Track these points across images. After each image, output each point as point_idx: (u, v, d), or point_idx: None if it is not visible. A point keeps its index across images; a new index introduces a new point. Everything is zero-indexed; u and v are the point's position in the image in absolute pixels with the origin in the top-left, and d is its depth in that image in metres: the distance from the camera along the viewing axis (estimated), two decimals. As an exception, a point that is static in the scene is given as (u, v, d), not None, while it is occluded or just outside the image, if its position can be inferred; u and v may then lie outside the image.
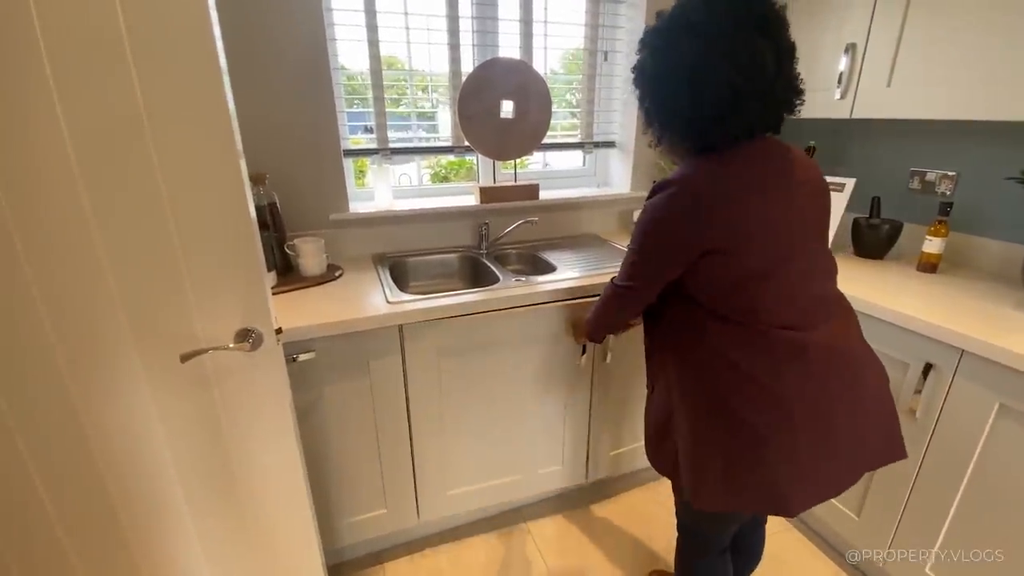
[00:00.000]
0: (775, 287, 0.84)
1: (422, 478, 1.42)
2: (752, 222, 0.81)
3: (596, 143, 2.07)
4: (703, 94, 0.79)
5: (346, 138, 1.64)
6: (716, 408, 0.87)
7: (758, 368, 0.84)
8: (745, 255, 0.82)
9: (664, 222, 0.85)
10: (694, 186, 0.82)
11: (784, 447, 0.83)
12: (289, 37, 1.41)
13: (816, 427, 0.84)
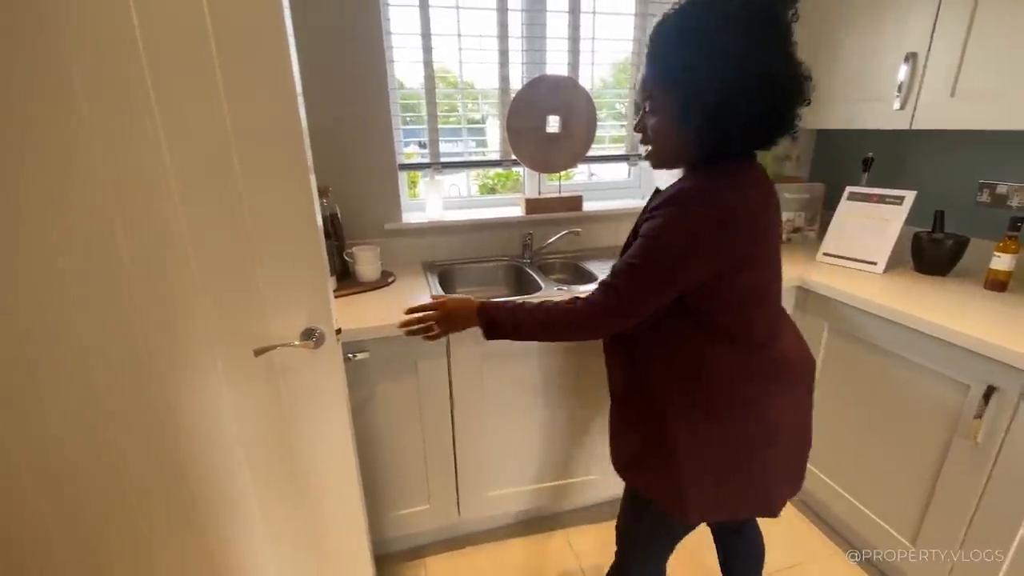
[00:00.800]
0: (766, 303, 0.88)
1: (463, 477, 1.48)
2: (762, 240, 0.83)
3: (639, 155, 2.09)
4: (761, 96, 0.75)
5: (400, 153, 1.75)
6: (712, 423, 0.88)
7: (751, 386, 0.87)
8: (754, 272, 0.83)
9: (693, 237, 0.78)
10: (723, 201, 0.78)
11: (772, 457, 0.90)
12: (352, 60, 1.53)
13: (796, 434, 0.94)
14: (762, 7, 0.75)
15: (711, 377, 0.86)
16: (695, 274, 0.80)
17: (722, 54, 0.73)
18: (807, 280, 1.54)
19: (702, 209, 0.78)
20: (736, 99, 0.74)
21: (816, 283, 1.51)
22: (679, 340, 0.87)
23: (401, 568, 1.54)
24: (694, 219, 0.78)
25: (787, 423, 0.91)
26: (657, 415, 0.91)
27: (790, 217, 1.94)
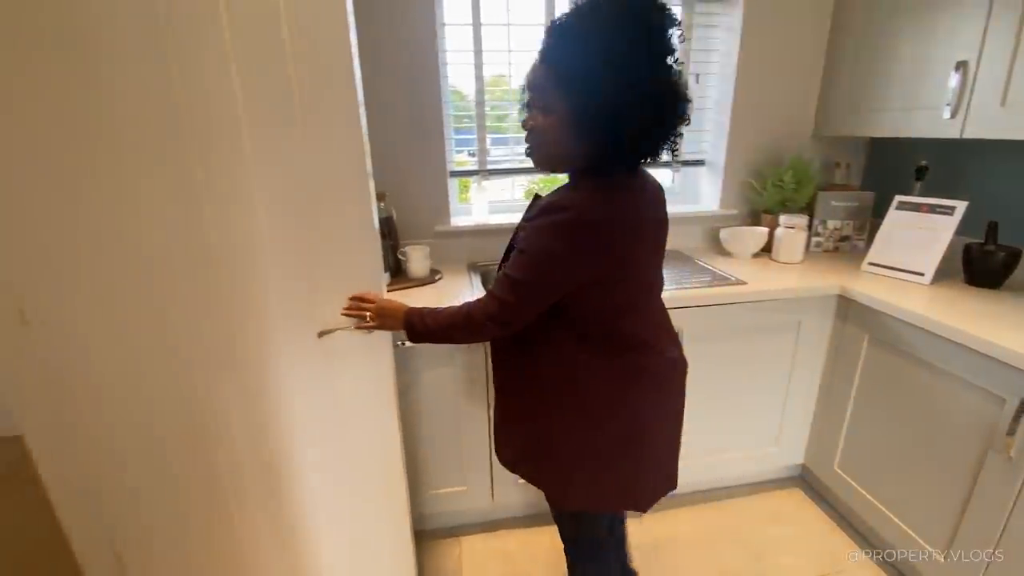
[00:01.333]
0: (642, 311, 0.93)
1: (498, 464, 1.58)
2: (638, 251, 0.86)
3: (683, 162, 2.12)
4: (654, 107, 0.76)
5: (452, 160, 1.88)
6: (586, 422, 0.94)
7: (624, 389, 0.92)
8: (629, 283, 0.87)
9: (568, 248, 0.79)
10: (599, 213, 0.79)
11: (643, 456, 0.97)
12: (409, 75, 1.68)
13: (666, 435, 1.01)
14: (656, 20, 0.75)
15: (585, 379, 0.91)
16: (571, 284, 0.82)
17: (620, 61, 0.73)
18: (849, 290, 1.54)
19: (577, 220, 0.78)
20: (631, 107, 0.74)
21: (859, 293, 1.51)
22: (556, 343, 0.90)
23: (438, 544, 1.66)
24: (568, 230, 0.78)
25: (659, 425, 0.98)
26: (538, 412, 0.97)
27: (837, 225, 1.91)
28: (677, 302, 1.49)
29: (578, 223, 0.78)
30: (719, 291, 1.53)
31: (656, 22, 0.75)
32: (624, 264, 0.83)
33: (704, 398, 1.64)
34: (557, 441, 0.96)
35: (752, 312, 1.57)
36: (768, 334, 1.61)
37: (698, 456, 1.70)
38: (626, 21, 0.73)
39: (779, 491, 1.84)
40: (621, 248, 0.81)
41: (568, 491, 0.99)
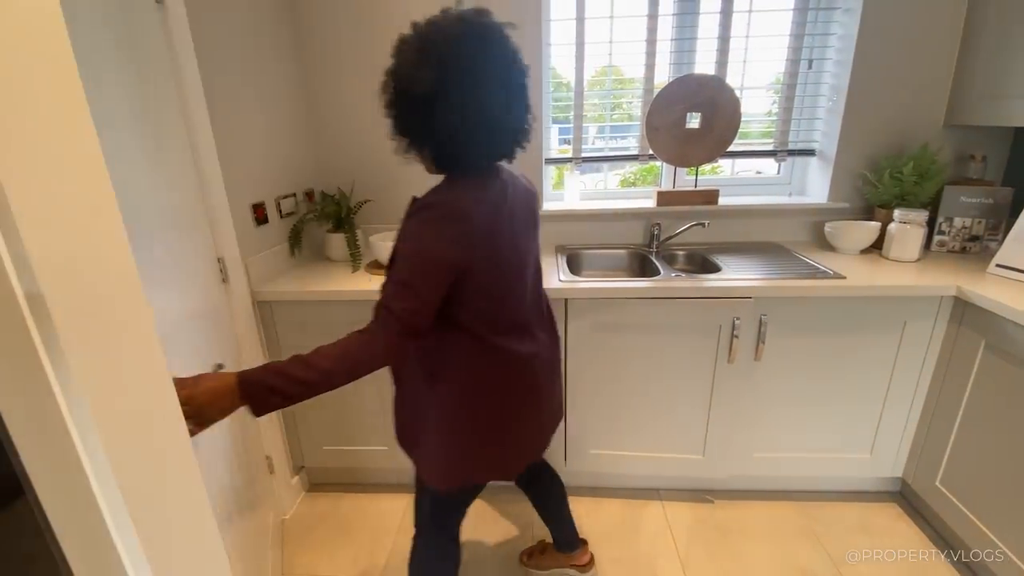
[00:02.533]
0: (508, 302, 0.98)
1: (571, 432, 1.70)
2: (499, 242, 0.91)
3: (791, 151, 2.03)
4: (467, 121, 0.83)
5: (551, 148, 2.01)
6: (460, 407, 1.00)
7: (493, 376, 0.99)
8: (493, 273, 0.92)
9: (436, 242, 0.85)
10: (458, 207, 0.86)
11: (511, 437, 1.05)
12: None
13: (534, 418, 1.08)
14: (442, 44, 0.81)
15: (458, 366, 0.97)
16: (448, 272, 0.86)
17: (453, 75, 0.81)
18: (967, 291, 1.41)
19: (439, 216, 0.86)
20: (437, 121, 0.83)
21: (978, 295, 1.38)
22: (437, 331, 0.94)
23: (512, 502, 1.82)
24: (433, 225, 0.85)
25: (526, 411, 1.06)
26: (419, 397, 1.03)
27: (966, 224, 1.73)
28: (762, 292, 1.48)
29: (438, 215, 0.86)
30: (811, 283, 1.49)
31: (443, 46, 0.81)
32: (482, 255, 0.88)
33: (792, 394, 1.60)
34: (435, 423, 1.02)
35: (849, 308, 1.50)
36: (867, 333, 1.53)
37: (780, 450, 1.67)
38: (417, 49, 0.82)
39: (872, 503, 1.74)
40: (481, 235, 0.87)
41: (439, 470, 1.05)
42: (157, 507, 0.45)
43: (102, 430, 0.39)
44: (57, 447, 0.38)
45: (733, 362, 1.55)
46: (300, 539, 1.68)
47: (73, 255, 0.37)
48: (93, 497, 0.39)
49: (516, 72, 0.88)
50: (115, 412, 0.41)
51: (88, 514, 0.40)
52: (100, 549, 0.41)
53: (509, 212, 0.94)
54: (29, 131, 0.35)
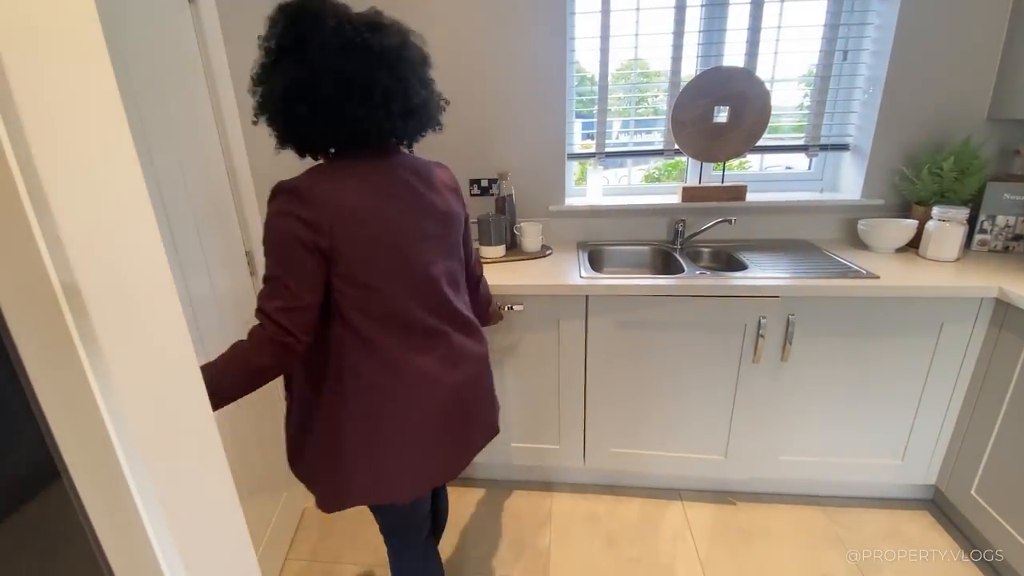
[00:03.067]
0: (394, 291, 0.88)
1: (591, 429, 1.69)
2: (382, 229, 0.86)
3: (823, 146, 1.97)
4: (298, 110, 0.81)
5: (572, 144, 1.99)
6: (346, 420, 0.91)
7: (389, 385, 0.90)
8: (370, 259, 0.85)
9: (283, 227, 0.80)
10: (309, 190, 0.80)
11: (402, 456, 0.93)
12: (536, 62, 1.81)
13: (424, 442, 0.94)
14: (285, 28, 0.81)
15: (339, 367, 0.89)
16: (310, 260, 0.80)
17: (282, 64, 0.81)
18: (1010, 293, 1.35)
19: (286, 199, 0.80)
20: (285, 106, 0.81)
21: (1022, 298, 1.32)
22: (321, 340, 0.88)
23: (531, 496, 1.82)
24: (280, 209, 0.80)
25: (413, 431, 0.93)
26: (307, 409, 0.94)
27: (1010, 222, 1.65)
28: (790, 291, 1.44)
29: (286, 198, 0.80)
30: (843, 283, 1.44)
31: (283, 29, 0.81)
32: (350, 232, 0.82)
33: (820, 396, 1.56)
34: (318, 434, 0.93)
35: (883, 310, 1.45)
36: (902, 336, 1.48)
37: (806, 454, 1.63)
38: (269, 24, 0.83)
39: (903, 510, 1.68)
40: (342, 217, 0.81)
41: (321, 491, 0.95)
42: (183, 487, 0.47)
43: (132, 414, 0.40)
44: (89, 431, 0.39)
45: (759, 362, 1.52)
46: (324, 526, 1.72)
47: (108, 247, 0.38)
48: (123, 476, 0.41)
49: (383, 66, 0.82)
50: (145, 397, 0.42)
51: (118, 494, 0.41)
52: (129, 526, 0.42)
53: (393, 197, 0.88)
54: (68, 129, 0.36)
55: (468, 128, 1.91)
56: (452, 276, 0.99)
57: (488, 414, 1.09)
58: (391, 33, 0.85)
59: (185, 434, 0.47)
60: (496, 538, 1.65)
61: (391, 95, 0.84)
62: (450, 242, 0.98)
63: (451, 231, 0.98)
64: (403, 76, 0.85)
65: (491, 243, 1.76)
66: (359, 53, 0.80)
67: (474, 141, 1.93)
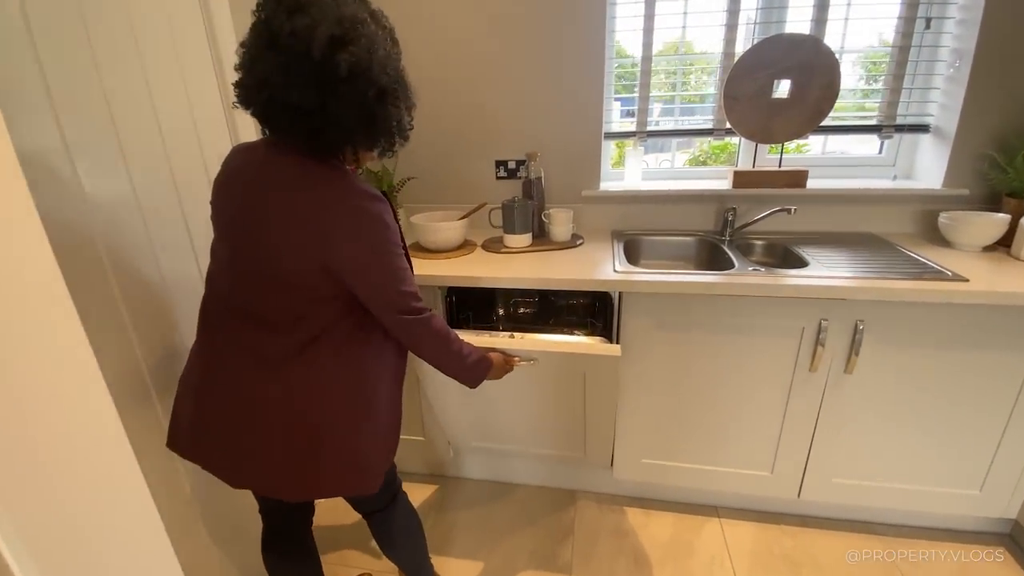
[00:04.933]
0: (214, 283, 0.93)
1: (620, 438, 1.54)
2: (218, 209, 0.89)
3: (899, 126, 1.73)
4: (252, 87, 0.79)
5: (611, 122, 1.81)
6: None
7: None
8: (215, 229, 0.91)
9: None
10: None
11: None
12: (572, 34, 1.63)
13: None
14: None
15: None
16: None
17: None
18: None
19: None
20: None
21: None
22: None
23: (554, 503, 1.70)
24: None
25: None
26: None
27: None
28: (858, 294, 1.25)
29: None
30: (924, 286, 1.24)
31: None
32: (213, 200, 0.89)
33: (889, 413, 1.37)
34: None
35: (969, 319, 1.24)
36: (989, 350, 1.26)
37: (866, 478, 1.45)
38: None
39: (976, 545, 1.48)
40: (215, 185, 0.89)
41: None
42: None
43: None
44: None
45: (815, 371, 1.33)
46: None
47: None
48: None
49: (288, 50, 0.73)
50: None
51: None
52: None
53: (249, 186, 0.84)
54: None
55: (493, 106, 1.75)
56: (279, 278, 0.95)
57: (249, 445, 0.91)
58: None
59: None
60: (515, 548, 1.54)
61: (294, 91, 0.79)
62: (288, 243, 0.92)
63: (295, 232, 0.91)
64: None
65: (515, 231, 1.61)
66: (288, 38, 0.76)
67: (500, 119, 1.76)
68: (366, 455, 0.93)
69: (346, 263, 0.81)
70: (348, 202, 0.80)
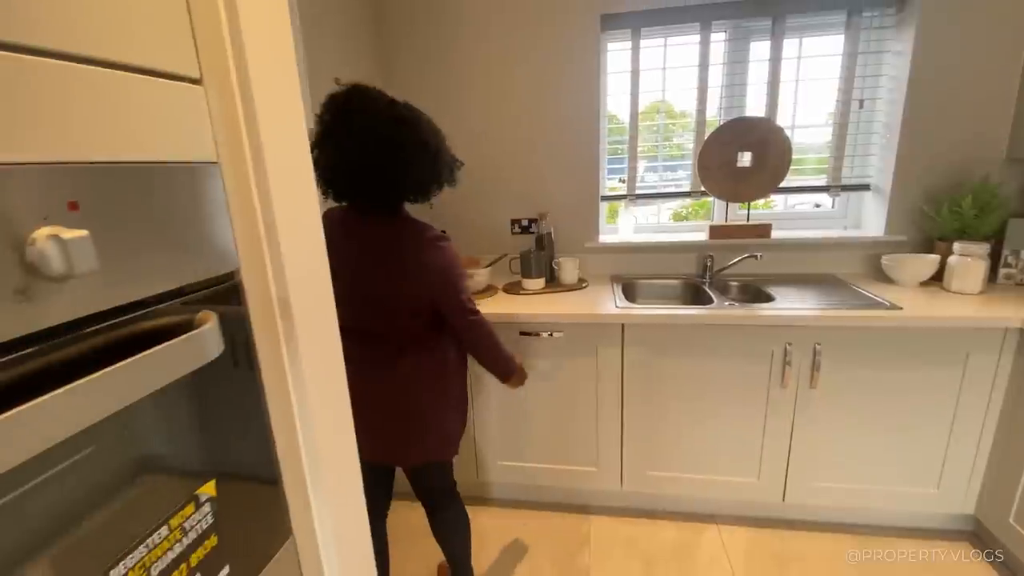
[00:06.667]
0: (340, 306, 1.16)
1: (628, 452, 1.78)
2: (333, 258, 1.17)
3: (843, 186, 2.09)
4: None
5: (605, 187, 2.17)
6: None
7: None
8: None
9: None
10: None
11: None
12: (572, 113, 2.02)
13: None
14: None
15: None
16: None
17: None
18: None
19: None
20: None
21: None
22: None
23: (570, 519, 1.90)
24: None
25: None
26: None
27: (1033, 256, 1.71)
28: (814, 321, 1.54)
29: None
30: (865, 314, 1.53)
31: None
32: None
33: (852, 423, 1.62)
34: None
35: (908, 340, 1.52)
36: (928, 366, 1.54)
37: (841, 481, 1.68)
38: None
39: (942, 541, 1.69)
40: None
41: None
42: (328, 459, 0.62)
43: (313, 391, 0.57)
44: (285, 415, 0.55)
45: (786, 387, 1.60)
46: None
47: (308, 270, 0.56)
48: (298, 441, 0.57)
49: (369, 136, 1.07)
50: (317, 394, 0.58)
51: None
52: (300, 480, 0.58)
53: (350, 237, 1.15)
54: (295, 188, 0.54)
55: (511, 175, 2.12)
56: (390, 308, 1.25)
57: (391, 431, 1.25)
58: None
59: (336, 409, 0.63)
60: (537, 557, 1.73)
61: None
62: (395, 283, 1.22)
63: (402, 275, 1.23)
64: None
65: (532, 276, 1.92)
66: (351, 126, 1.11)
67: (516, 185, 2.13)
68: (450, 428, 1.29)
69: (436, 289, 1.17)
70: (432, 248, 1.15)
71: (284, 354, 0.54)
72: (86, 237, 0.31)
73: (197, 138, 0.44)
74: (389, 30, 2.09)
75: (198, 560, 0.43)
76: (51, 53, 0.33)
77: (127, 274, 0.37)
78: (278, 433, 0.54)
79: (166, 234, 0.41)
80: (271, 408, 0.53)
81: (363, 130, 1.05)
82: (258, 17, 0.48)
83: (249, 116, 0.48)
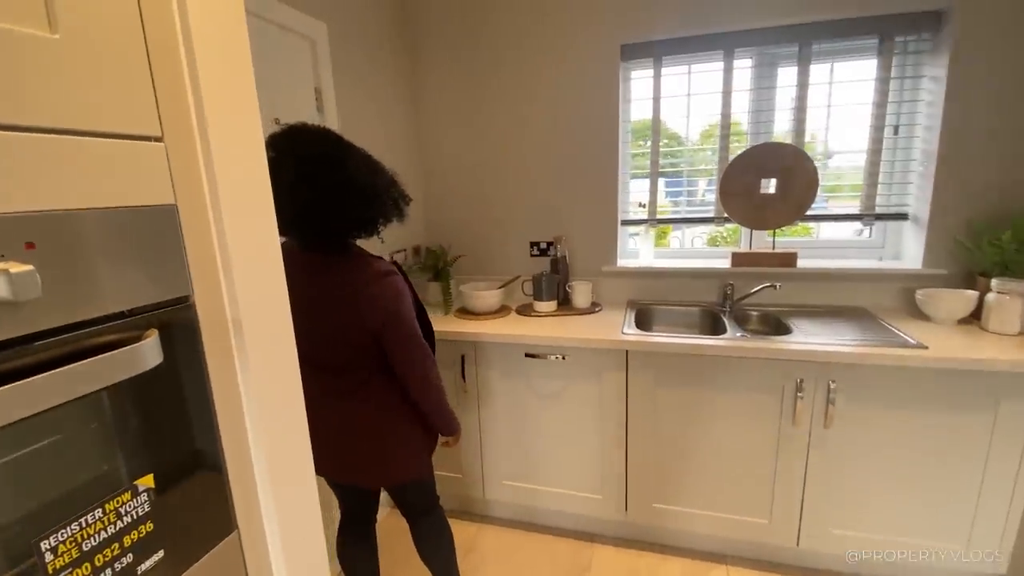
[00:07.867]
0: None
1: (632, 481, 1.76)
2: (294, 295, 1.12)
3: (879, 215, 1.99)
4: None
5: (625, 211, 2.18)
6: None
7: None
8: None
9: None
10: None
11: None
12: (594, 138, 2.06)
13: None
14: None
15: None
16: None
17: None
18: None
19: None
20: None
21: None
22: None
23: (574, 545, 1.89)
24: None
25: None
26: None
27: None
28: (827, 357, 1.48)
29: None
30: (880, 351, 1.46)
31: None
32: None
33: (874, 467, 1.53)
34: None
35: (933, 382, 1.43)
36: (955, 410, 1.44)
37: (862, 530, 1.58)
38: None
39: (977, 605, 1.54)
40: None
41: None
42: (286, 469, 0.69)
43: (263, 399, 0.64)
44: (234, 419, 0.63)
45: (798, 425, 1.54)
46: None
47: (261, 294, 0.63)
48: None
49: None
50: (268, 401, 0.66)
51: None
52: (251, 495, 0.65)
53: (304, 271, 1.16)
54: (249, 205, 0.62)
55: (531, 199, 2.18)
56: (346, 345, 1.27)
57: (345, 458, 1.27)
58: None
59: (286, 425, 0.70)
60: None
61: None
62: (350, 320, 1.22)
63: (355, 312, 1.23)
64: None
65: (543, 299, 1.96)
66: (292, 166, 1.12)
67: (536, 209, 2.19)
68: (414, 449, 1.31)
69: (380, 322, 1.16)
70: (379, 282, 1.17)
71: (236, 364, 0.61)
72: (31, 271, 0.40)
73: (155, 186, 0.52)
74: (417, 61, 2.22)
75: (131, 542, 0.50)
76: (19, 128, 0.42)
77: (76, 298, 0.45)
78: (225, 433, 0.61)
79: (119, 265, 0.49)
80: (219, 412, 0.60)
81: (288, 171, 1.05)
82: (220, 71, 0.57)
83: (208, 164, 0.56)
